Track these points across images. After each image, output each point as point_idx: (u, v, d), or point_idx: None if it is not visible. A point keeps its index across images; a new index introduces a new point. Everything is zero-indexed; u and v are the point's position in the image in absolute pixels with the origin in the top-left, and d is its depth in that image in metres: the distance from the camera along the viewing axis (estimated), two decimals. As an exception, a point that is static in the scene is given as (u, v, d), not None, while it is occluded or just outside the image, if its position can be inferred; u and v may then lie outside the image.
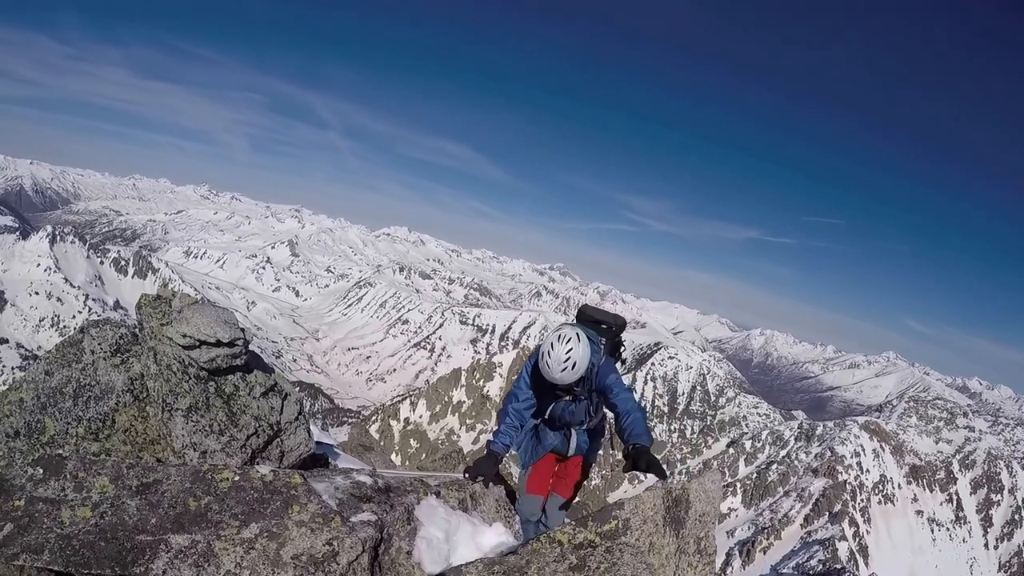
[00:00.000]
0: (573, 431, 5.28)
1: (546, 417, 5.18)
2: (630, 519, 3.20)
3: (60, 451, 3.50)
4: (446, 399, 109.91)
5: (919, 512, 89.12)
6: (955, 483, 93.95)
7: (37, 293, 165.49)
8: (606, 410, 5.21)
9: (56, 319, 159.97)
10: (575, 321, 5.38)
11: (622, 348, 5.63)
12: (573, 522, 3.26)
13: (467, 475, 4.98)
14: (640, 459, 4.27)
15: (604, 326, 5.39)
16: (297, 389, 4.85)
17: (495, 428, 5.21)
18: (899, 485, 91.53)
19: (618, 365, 5.31)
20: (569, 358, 4.55)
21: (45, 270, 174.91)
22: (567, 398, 5.02)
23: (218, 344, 4.23)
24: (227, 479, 3.30)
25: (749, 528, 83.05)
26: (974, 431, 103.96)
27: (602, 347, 5.09)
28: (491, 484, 5.30)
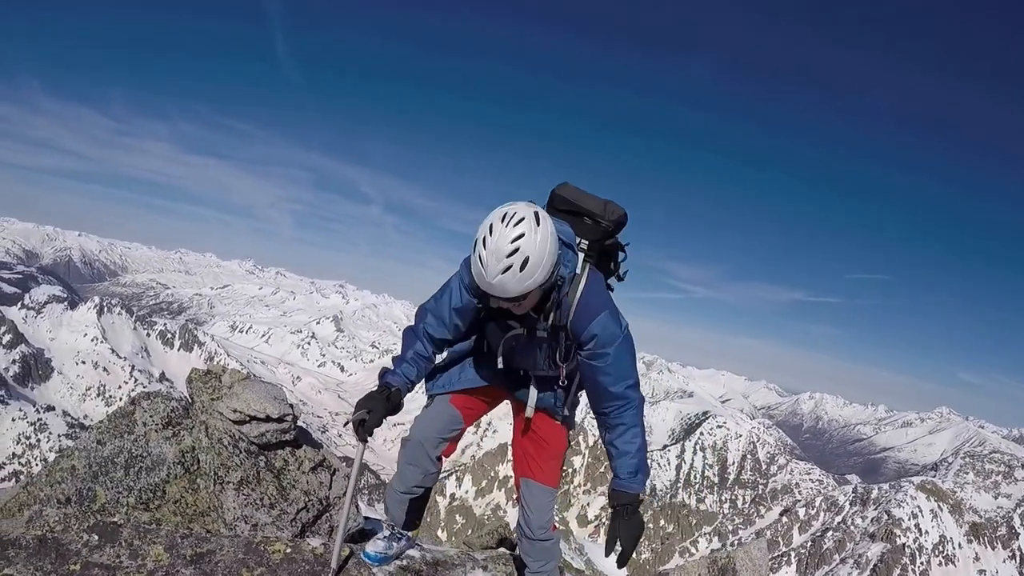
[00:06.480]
0: (532, 381, 3.28)
1: (498, 355, 3.05)
2: (682, 591, 3.13)
3: (113, 519, 3.57)
4: (492, 474, 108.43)
5: (981, 572, 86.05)
6: (1017, 538, 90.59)
7: (84, 362, 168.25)
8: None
9: (102, 388, 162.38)
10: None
11: (619, 258, 3.30)
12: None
13: (348, 422, 3.10)
14: (621, 526, 2.91)
15: (588, 220, 3.11)
16: (344, 464, 4.91)
17: (396, 355, 3.23)
18: (959, 545, 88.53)
19: (612, 283, 3.30)
20: (517, 249, 2.52)
21: (92, 340, 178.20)
22: (518, 329, 2.96)
23: (268, 419, 4.32)
24: (279, 551, 3.33)
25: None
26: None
27: (581, 253, 3.00)
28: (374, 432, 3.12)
